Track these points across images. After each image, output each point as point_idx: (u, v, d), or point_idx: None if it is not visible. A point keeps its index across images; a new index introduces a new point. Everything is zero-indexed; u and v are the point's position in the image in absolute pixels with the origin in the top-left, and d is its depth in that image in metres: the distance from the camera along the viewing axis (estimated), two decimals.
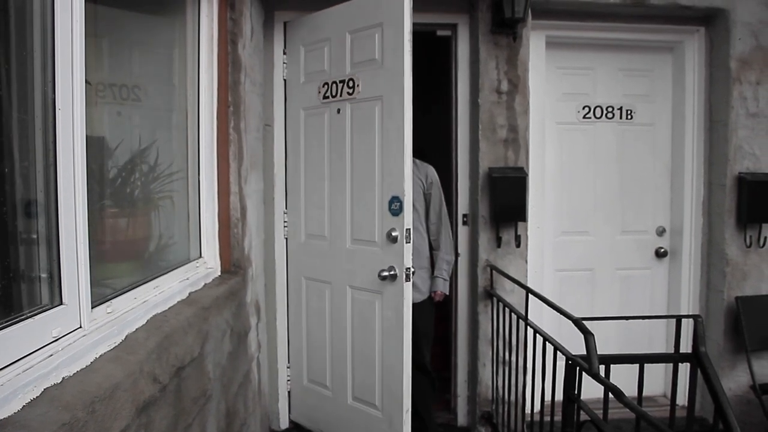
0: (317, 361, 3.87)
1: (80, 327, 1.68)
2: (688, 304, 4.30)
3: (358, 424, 3.57)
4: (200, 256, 2.97)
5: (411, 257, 3.22)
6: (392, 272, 3.25)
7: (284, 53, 3.90)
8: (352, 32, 3.46)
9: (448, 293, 3.81)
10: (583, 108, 4.28)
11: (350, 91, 3.48)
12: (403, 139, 3.15)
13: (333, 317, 3.71)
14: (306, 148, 3.84)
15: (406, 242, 3.18)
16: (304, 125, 3.84)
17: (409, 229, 3.19)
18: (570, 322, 2.65)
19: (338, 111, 3.57)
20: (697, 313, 4.19)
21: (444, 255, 3.73)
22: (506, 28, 3.74)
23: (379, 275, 3.26)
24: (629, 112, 4.32)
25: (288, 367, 4.05)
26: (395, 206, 3.23)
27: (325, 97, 3.65)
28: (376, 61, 3.32)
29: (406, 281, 3.20)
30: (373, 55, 3.33)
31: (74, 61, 1.65)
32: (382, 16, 3.25)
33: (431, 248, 3.78)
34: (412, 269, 3.22)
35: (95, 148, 2.09)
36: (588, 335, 2.48)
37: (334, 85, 3.58)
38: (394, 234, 3.23)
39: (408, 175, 3.16)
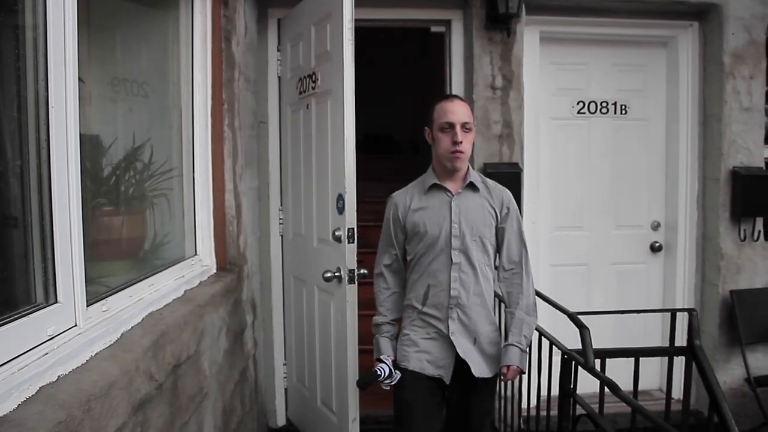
0: (299, 360, 3.87)
1: (75, 325, 1.68)
2: (683, 298, 4.31)
3: (323, 428, 3.53)
4: (195, 254, 2.97)
5: (355, 259, 3.01)
6: (337, 273, 3.09)
7: (278, 50, 3.90)
8: (314, 24, 3.39)
9: (525, 371, 2.56)
10: (578, 103, 4.28)
11: (313, 85, 3.43)
12: (344, 134, 2.99)
13: (307, 317, 3.68)
14: (290, 145, 3.84)
15: (349, 242, 2.99)
16: (290, 122, 3.84)
17: (352, 228, 3.00)
18: (565, 316, 2.66)
19: (307, 106, 3.53)
20: (692, 306, 4.20)
21: (522, 314, 2.51)
22: (500, 24, 3.74)
23: (323, 276, 3.11)
24: (623, 107, 4.32)
25: (284, 365, 4.05)
26: (340, 204, 3.09)
27: (300, 93, 3.63)
28: (328, 53, 3.23)
29: (350, 284, 3.01)
30: (326, 47, 3.24)
31: (67, 59, 1.65)
32: (331, 6, 3.14)
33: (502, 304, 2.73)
34: (357, 271, 3.02)
35: (89, 145, 2.09)
36: (583, 329, 2.49)
37: (305, 79, 3.55)
38: (337, 233, 3.09)
39: (349, 170, 2.98)
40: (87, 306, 1.76)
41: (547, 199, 4.26)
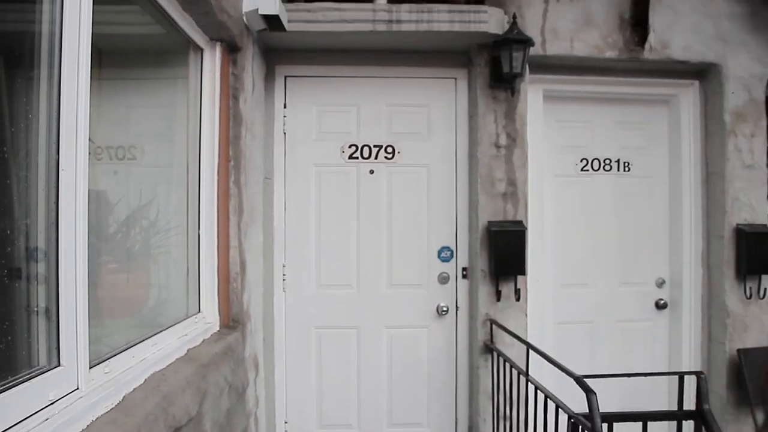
0: (336, 403, 4.05)
1: (77, 388, 1.66)
2: (690, 356, 4.25)
3: None
4: (199, 311, 2.95)
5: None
6: (444, 307, 4.03)
7: (285, 107, 3.96)
8: (391, 105, 4.08)
9: None
10: (581, 160, 4.32)
11: (388, 156, 4.06)
12: (455, 199, 4.08)
13: (361, 357, 4.06)
14: (321, 203, 4.04)
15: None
16: (317, 181, 4.04)
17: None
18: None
19: (371, 172, 4.07)
20: (699, 365, 4.15)
21: None
22: (504, 83, 3.79)
23: (437, 310, 4.03)
24: (626, 164, 4.35)
25: (285, 423, 3.99)
26: (445, 254, 4.05)
27: (351, 157, 4.01)
28: (421, 134, 4.07)
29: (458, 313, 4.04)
30: (419, 129, 4.08)
31: (78, 123, 1.67)
32: (430, 101, 4.08)
33: None
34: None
35: (97, 204, 2.10)
36: (590, 394, 2.45)
37: (366, 148, 4.06)
38: (444, 275, 4.03)
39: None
40: (89, 368, 1.74)
41: (551, 257, 4.25)
